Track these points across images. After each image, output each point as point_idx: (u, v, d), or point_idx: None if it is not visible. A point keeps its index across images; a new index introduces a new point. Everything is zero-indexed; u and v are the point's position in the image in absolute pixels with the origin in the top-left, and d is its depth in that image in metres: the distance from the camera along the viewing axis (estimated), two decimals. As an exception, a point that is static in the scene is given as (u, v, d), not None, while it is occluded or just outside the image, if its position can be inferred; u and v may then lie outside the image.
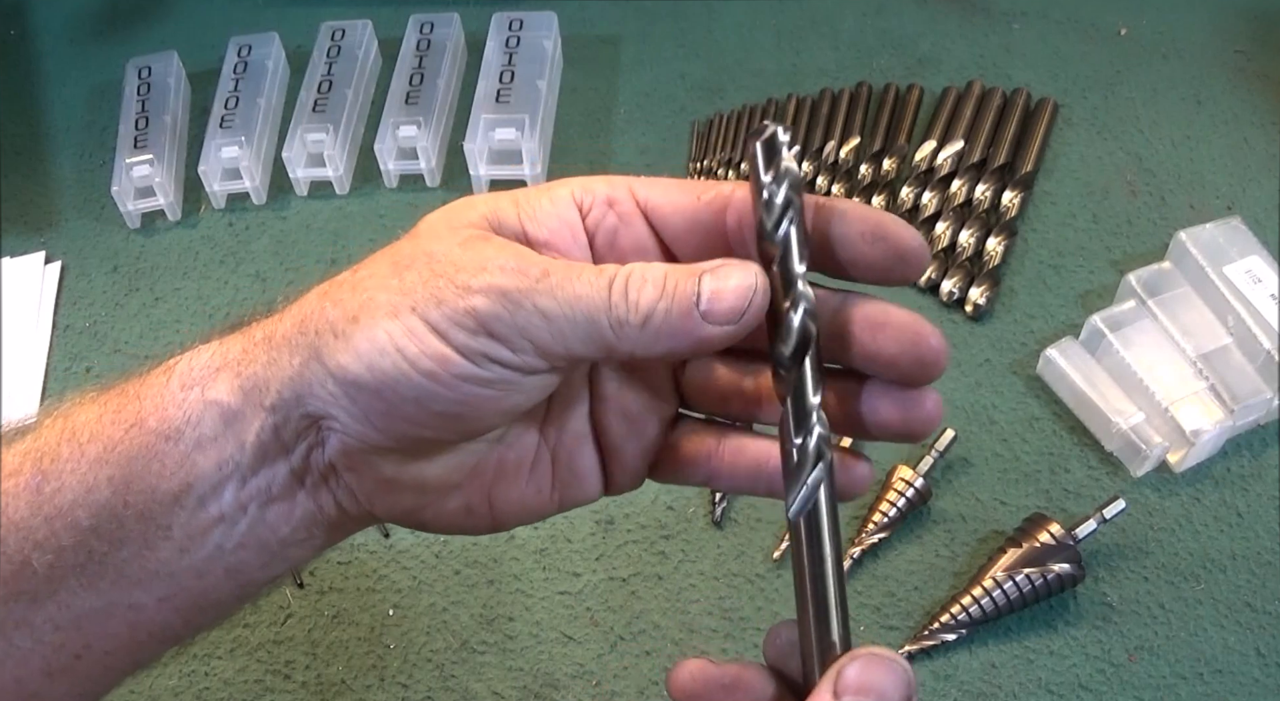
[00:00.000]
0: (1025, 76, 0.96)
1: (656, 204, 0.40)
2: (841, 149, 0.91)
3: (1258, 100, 0.93)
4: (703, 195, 0.40)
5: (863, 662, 0.35)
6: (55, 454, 0.39)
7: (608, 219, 0.40)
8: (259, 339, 0.39)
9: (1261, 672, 0.67)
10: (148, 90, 0.99)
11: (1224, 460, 0.76)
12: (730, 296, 0.37)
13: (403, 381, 0.37)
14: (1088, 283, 0.84)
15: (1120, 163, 0.91)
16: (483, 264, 0.37)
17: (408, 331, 0.36)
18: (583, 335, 0.37)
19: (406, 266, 0.38)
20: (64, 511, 0.39)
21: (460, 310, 0.36)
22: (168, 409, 0.39)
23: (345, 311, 0.38)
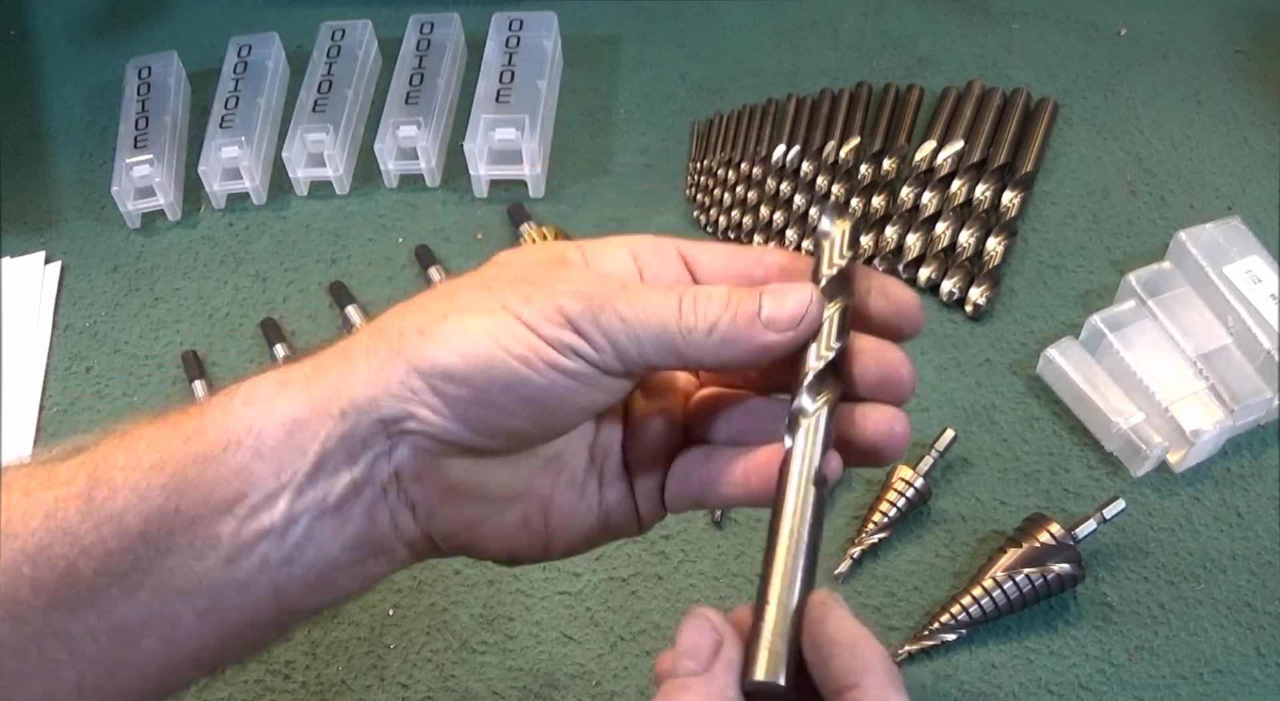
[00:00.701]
0: (1025, 76, 0.96)
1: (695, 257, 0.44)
2: (841, 149, 0.91)
3: (1258, 100, 0.93)
4: (754, 271, 0.43)
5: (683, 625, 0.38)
6: (110, 462, 0.40)
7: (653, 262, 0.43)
8: (330, 355, 0.41)
9: (1261, 672, 0.67)
10: (148, 90, 0.99)
11: (1224, 460, 0.75)
12: (790, 306, 0.41)
13: (497, 366, 0.39)
14: (1088, 283, 0.84)
15: (1120, 163, 0.91)
16: (567, 276, 0.41)
17: (500, 325, 0.39)
18: (655, 340, 0.40)
19: (491, 280, 0.41)
20: (114, 516, 0.39)
21: (550, 307, 0.39)
22: (229, 421, 0.40)
23: (431, 315, 0.40)
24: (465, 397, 0.39)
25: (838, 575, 0.72)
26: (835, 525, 0.74)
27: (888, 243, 0.86)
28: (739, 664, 0.37)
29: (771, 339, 0.41)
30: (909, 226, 0.86)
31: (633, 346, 0.40)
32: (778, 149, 0.92)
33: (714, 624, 0.38)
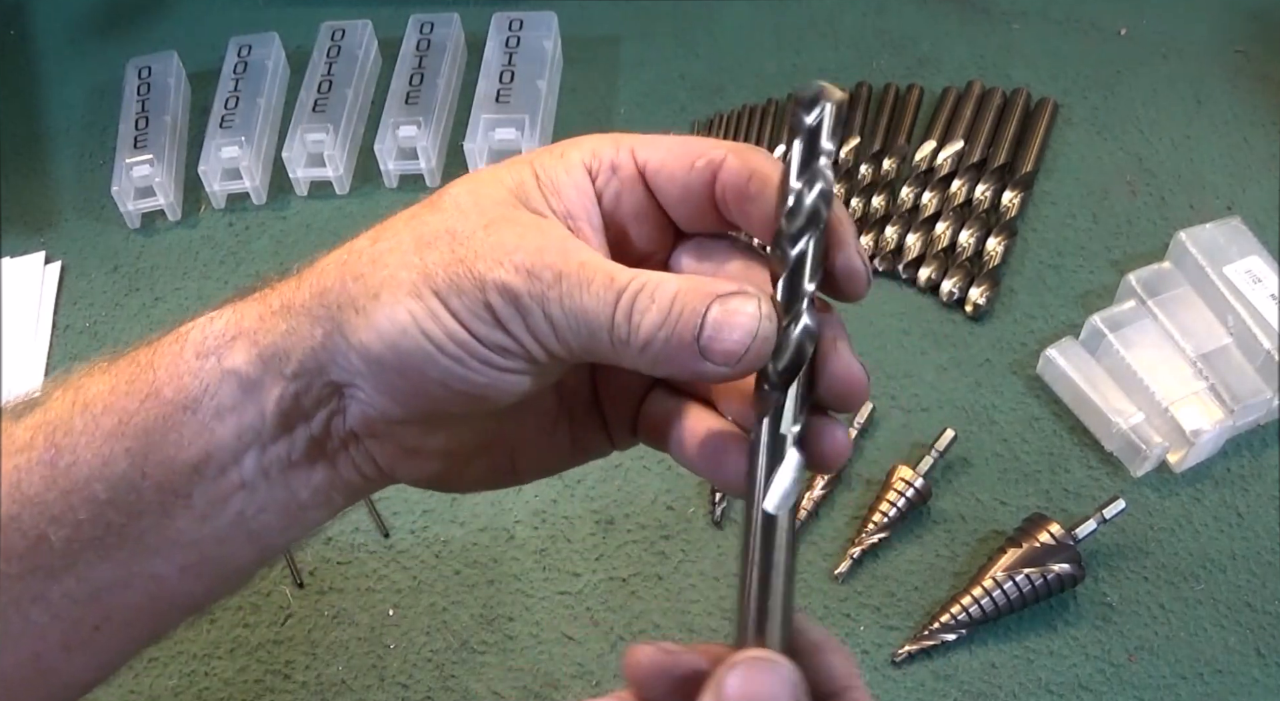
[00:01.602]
0: (1025, 76, 0.96)
1: (653, 170, 0.41)
2: (841, 149, 0.91)
3: (1258, 100, 0.93)
4: (696, 162, 0.40)
5: (743, 669, 0.35)
6: (68, 427, 0.39)
7: (612, 184, 0.41)
8: (276, 307, 0.40)
9: (1261, 672, 0.67)
10: (148, 90, 0.99)
11: (1224, 460, 0.75)
12: (731, 340, 0.36)
13: (428, 362, 0.38)
14: (1088, 283, 0.84)
15: (1120, 163, 0.91)
16: (501, 255, 0.37)
17: (430, 314, 0.37)
18: (586, 345, 0.38)
19: (429, 243, 0.38)
20: (80, 485, 0.39)
21: (479, 302, 0.37)
22: (183, 378, 0.39)
23: (366, 287, 0.38)
24: (401, 385, 0.38)
25: (838, 575, 0.72)
26: (835, 525, 0.74)
27: (888, 243, 0.86)
28: None
29: (706, 368, 0.37)
30: (909, 226, 0.86)
31: (563, 349, 0.38)
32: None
33: (796, 678, 0.35)
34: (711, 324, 0.36)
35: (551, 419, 0.44)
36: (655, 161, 0.41)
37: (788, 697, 0.35)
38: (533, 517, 0.76)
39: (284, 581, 0.75)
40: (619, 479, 0.78)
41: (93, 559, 0.39)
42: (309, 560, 0.76)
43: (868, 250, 0.86)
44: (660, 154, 0.41)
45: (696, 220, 0.41)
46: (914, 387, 0.80)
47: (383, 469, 0.42)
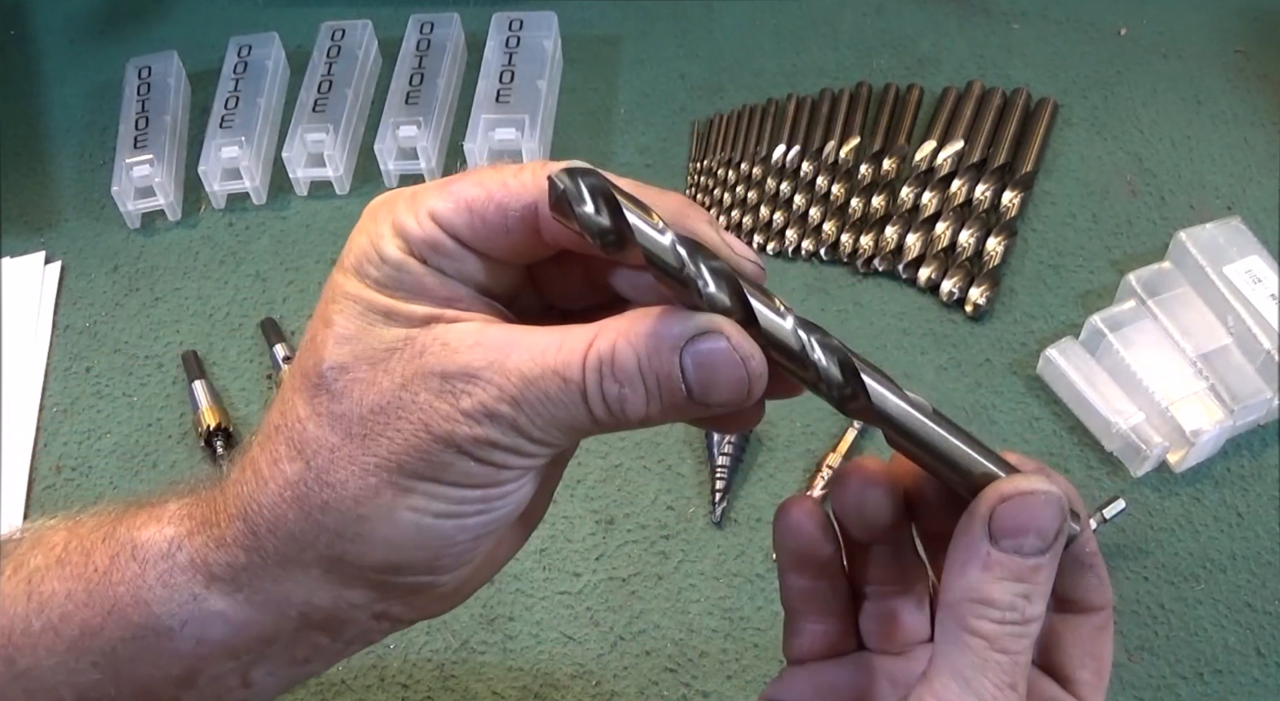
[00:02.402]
0: (1025, 76, 0.96)
1: (466, 238, 0.36)
2: (841, 149, 0.91)
3: (1258, 100, 0.93)
4: (506, 222, 0.36)
5: (1015, 504, 0.35)
6: (25, 627, 0.37)
7: (444, 263, 0.36)
8: (244, 562, 0.36)
9: (1261, 672, 0.67)
10: (148, 90, 0.99)
11: (1224, 460, 0.75)
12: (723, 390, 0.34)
13: (458, 534, 0.36)
14: (1088, 283, 0.84)
15: (1120, 163, 0.91)
16: (449, 413, 0.34)
17: (432, 498, 0.35)
18: (579, 435, 0.36)
19: (364, 435, 0.35)
20: (46, 687, 0.37)
21: (470, 463, 0.35)
22: (151, 606, 0.36)
23: (343, 515, 0.35)
24: (427, 580, 0.37)
25: (838, 575, 0.72)
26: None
27: (888, 243, 0.86)
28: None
29: (713, 412, 0.35)
30: (909, 226, 0.86)
31: (565, 442, 0.36)
32: (778, 149, 0.92)
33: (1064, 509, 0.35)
34: (696, 381, 0.34)
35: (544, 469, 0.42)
36: (463, 228, 0.36)
37: (1056, 522, 0.35)
38: (533, 517, 0.76)
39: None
40: (619, 479, 0.78)
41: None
42: (309, 560, 0.76)
43: (867, 250, 0.86)
44: (463, 218, 0.36)
45: (538, 255, 0.37)
46: (914, 388, 0.79)
47: (416, 619, 0.40)
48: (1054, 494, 0.35)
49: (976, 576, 0.34)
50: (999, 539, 0.34)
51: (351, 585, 0.36)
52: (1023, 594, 0.34)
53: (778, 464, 0.77)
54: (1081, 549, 0.37)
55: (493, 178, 0.36)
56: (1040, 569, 0.34)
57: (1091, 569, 0.38)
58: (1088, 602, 0.38)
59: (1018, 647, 0.34)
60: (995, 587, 0.34)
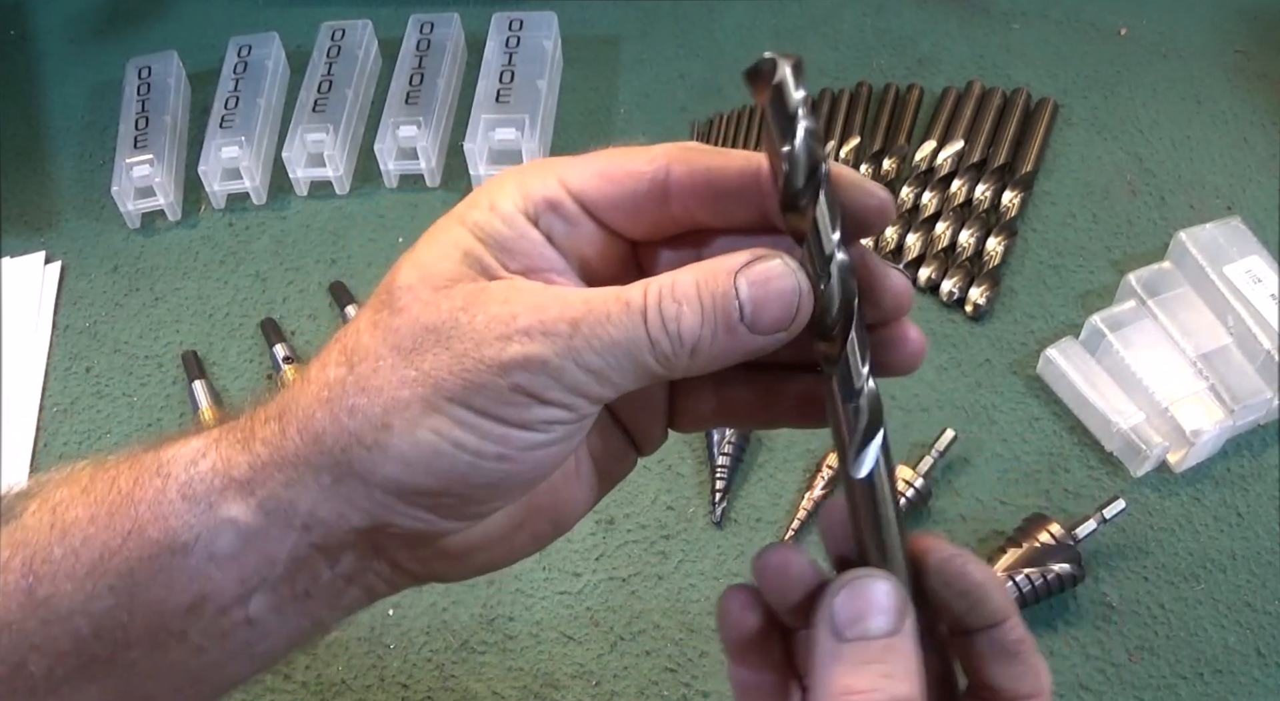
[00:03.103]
0: (1025, 76, 0.96)
1: (592, 202, 0.37)
2: (841, 149, 0.91)
3: (1258, 100, 0.93)
4: (638, 188, 0.37)
5: (849, 592, 0.36)
6: (47, 554, 0.37)
7: (556, 225, 0.37)
8: (266, 458, 0.36)
9: (1261, 672, 0.67)
10: (148, 90, 0.99)
11: (1224, 460, 0.75)
12: (775, 306, 0.35)
13: (471, 473, 0.35)
14: (1088, 283, 0.84)
15: (1120, 163, 0.91)
16: (503, 331, 0.34)
17: (456, 423, 0.34)
18: (631, 376, 0.35)
19: (414, 350, 0.35)
20: (61, 617, 0.36)
21: (505, 389, 0.34)
22: (170, 520, 0.36)
23: (369, 420, 0.35)
24: (442, 501, 0.36)
25: (838, 575, 0.72)
26: (835, 525, 0.74)
27: (888, 243, 0.86)
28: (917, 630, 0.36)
29: (761, 342, 0.35)
30: (909, 226, 0.86)
31: (607, 389, 0.35)
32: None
33: (899, 589, 0.36)
34: (749, 299, 0.35)
35: (574, 461, 0.41)
36: (591, 192, 0.37)
37: (891, 601, 0.36)
38: (533, 517, 0.76)
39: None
40: (619, 479, 0.77)
41: (79, 684, 0.37)
42: (309, 560, 0.76)
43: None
44: (593, 182, 0.37)
45: (655, 233, 0.39)
46: (914, 388, 0.80)
47: (420, 574, 0.40)
48: (885, 576, 0.36)
49: (835, 671, 0.35)
50: (843, 630, 0.36)
51: (355, 502, 0.36)
52: (883, 674, 0.35)
53: (778, 464, 0.77)
54: (1005, 636, 0.38)
55: (625, 149, 0.37)
56: (892, 647, 0.35)
57: (1017, 656, 0.38)
58: (1014, 691, 0.38)
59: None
60: (853, 677, 0.35)
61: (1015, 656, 0.38)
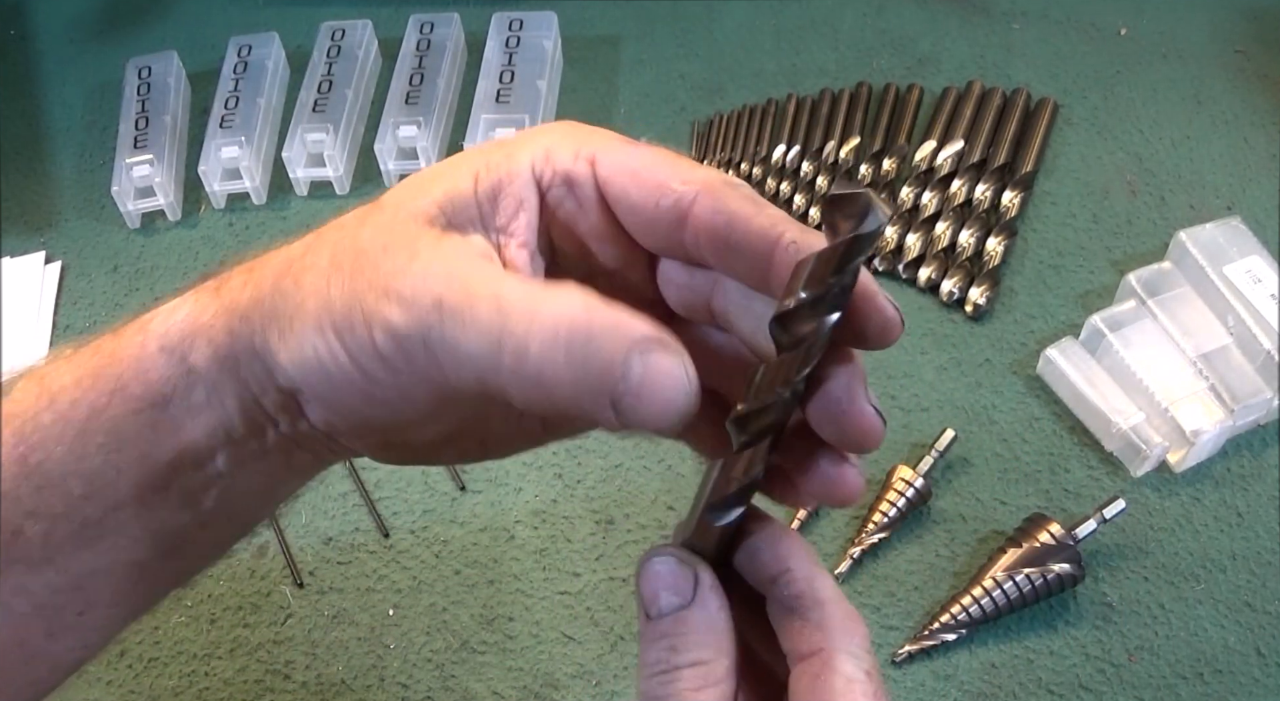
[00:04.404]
0: (1025, 76, 0.96)
1: (614, 197, 0.37)
2: (841, 149, 0.91)
3: (1258, 100, 0.93)
4: (661, 201, 0.36)
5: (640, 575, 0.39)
6: (36, 422, 0.38)
7: (566, 202, 0.37)
8: (226, 303, 0.38)
9: (1261, 672, 0.67)
10: (148, 90, 0.99)
11: (1224, 460, 0.75)
12: (653, 405, 0.32)
13: (347, 390, 0.36)
14: (1088, 283, 0.84)
15: (1120, 163, 0.91)
16: (387, 284, 0.34)
17: (330, 351, 0.35)
18: (470, 383, 0.34)
19: (338, 265, 0.36)
20: (54, 481, 0.38)
21: (367, 341, 0.35)
22: (149, 374, 0.38)
23: (284, 311, 0.37)
24: (332, 402, 0.37)
25: (838, 575, 0.72)
26: (835, 525, 0.74)
27: (888, 243, 0.86)
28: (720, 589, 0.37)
29: (612, 423, 0.33)
30: (909, 226, 0.86)
31: (447, 379, 0.35)
32: (778, 149, 0.92)
33: (680, 557, 0.37)
34: (632, 386, 0.32)
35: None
36: (616, 187, 0.37)
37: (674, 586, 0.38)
38: (533, 517, 0.76)
39: (284, 581, 0.75)
40: (619, 479, 0.78)
41: (73, 550, 0.39)
42: (309, 560, 0.76)
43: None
44: (623, 178, 0.37)
45: (666, 251, 0.38)
46: (914, 387, 0.80)
47: (359, 451, 0.41)
48: (666, 554, 0.38)
49: (643, 648, 0.37)
50: (648, 609, 0.37)
51: (276, 370, 0.37)
52: (667, 647, 0.36)
53: (778, 464, 0.77)
54: (782, 591, 0.37)
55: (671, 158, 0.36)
56: (681, 620, 0.36)
57: (795, 612, 0.36)
58: (798, 650, 0.36)
59: (663, 692, 0.36)
60: (649, 651, 0.36)
61: (793, 612, 0.37)
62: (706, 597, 0.37)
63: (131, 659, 0.73)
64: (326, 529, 0.77)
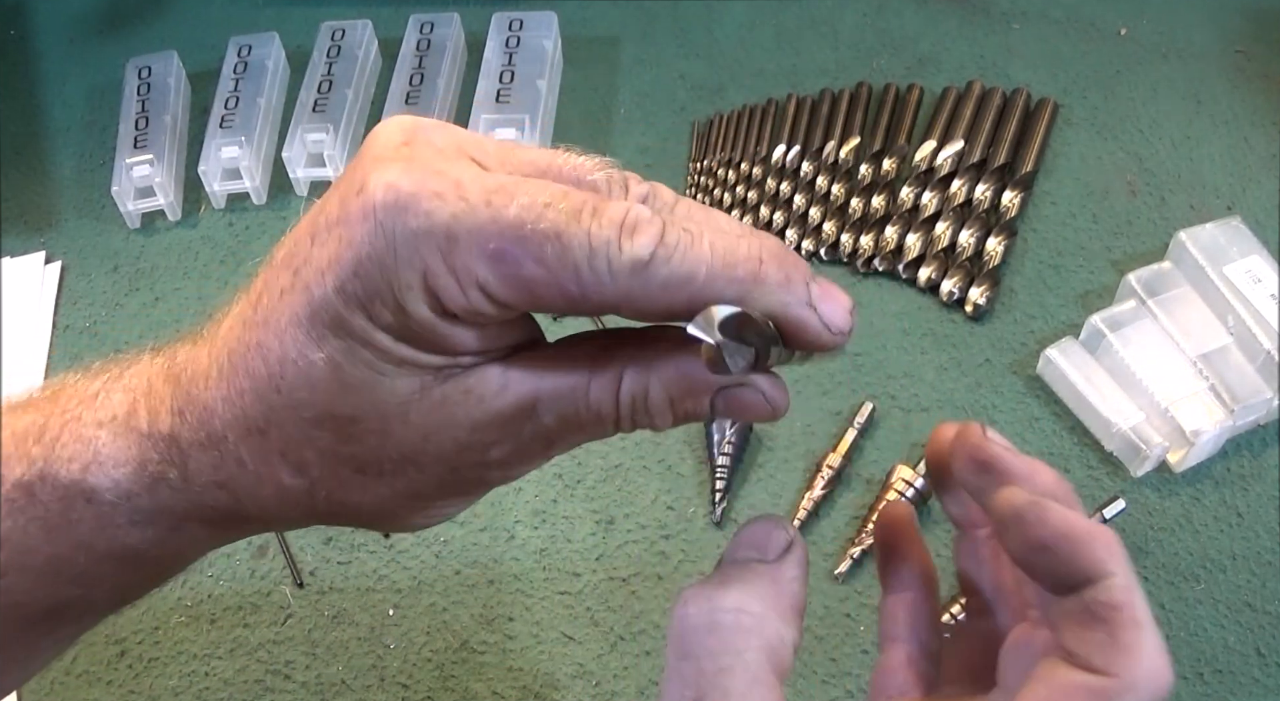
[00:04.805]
0: (1025, 76, 0.96)
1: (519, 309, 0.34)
2: (841, 149, 0.91)
3: (1258, 100, 0.93)
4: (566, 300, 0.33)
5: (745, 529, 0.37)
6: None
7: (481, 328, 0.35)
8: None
9: (1261, 672, 0.67)
10: (148, 90, 0.99)
11: (1224, 460, 0.75)
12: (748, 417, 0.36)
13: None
14: (1088, 283, 0.84)
15: (1120, 163, 0.91)
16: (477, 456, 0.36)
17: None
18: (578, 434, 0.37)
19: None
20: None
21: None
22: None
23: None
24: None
25: (838, 575, 0.72)
26: (835, 525, 0.74)
27: (888, 243, 0.86)
28: (805, 558, 0.36)
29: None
30: (909, 226, 0.86)
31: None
32: (778, 149, 0.92)
33: (787, 527, 0.37)
34: (724, 410, 0.36)
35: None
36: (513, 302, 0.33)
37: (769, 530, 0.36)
38: (533, 517, 0.76)
39: (284, 581, 0.75)
40: (619, 479, 0.78)
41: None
42: (309, 560, 0.76)
43: (867, 250, 0.86)
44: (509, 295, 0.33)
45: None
46: (914, 387, 0.80)
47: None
48: (774, 518, 0.37)
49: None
50: (734, 552, 0.37)
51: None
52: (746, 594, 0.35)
53: (778, 464, 0.77)
54: (1094, 597, 0.34)
55: (557, 243, 0.32)
56: (758, 574, 0.35)
57: (1102, 623, 0.33)
58: (1089, 662, 0.33)
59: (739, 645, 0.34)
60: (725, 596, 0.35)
61: (1100, 622, 0.33)
62: (790, 561, 0.36)
63: (131, 659, 0.73)
64: (326, 529, 0.77)
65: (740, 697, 0.33)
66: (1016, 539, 0.35)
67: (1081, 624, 0.34)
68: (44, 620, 0.41)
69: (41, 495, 0.38)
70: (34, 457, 0.38)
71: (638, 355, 0.36)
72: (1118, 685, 0.32)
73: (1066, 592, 0.34)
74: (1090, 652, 0.33)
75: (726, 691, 0.33)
